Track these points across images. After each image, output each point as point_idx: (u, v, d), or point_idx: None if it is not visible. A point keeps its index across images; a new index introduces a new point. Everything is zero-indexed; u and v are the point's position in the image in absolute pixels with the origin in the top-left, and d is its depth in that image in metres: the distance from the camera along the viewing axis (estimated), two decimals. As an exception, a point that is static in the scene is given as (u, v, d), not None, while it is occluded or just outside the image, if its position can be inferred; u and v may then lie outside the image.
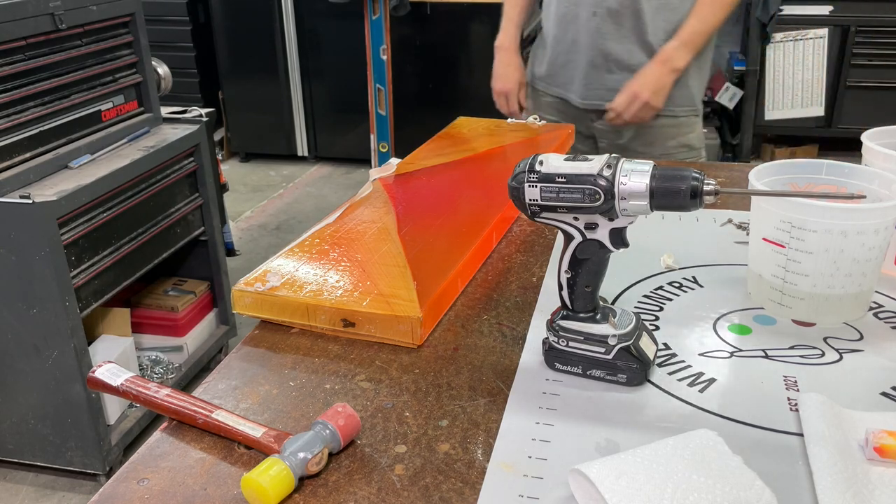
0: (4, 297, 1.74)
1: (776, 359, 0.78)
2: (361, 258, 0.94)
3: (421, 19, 3.62)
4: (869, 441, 0.62)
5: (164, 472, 0.65)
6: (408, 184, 1.22)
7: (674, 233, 1.07)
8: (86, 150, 1.94)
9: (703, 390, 0.73)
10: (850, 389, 0.73)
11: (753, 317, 0.86)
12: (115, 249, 1.93)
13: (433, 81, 3.77)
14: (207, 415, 0.68)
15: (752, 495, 0.55)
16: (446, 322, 0.87)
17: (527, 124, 1.53)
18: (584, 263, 0.72)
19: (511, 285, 0.95)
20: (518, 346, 0.82)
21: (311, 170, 4.26)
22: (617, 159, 0.67)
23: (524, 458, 0.64)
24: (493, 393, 0.74)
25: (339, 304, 0.83)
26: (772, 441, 0.66)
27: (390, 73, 3.30)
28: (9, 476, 2.01)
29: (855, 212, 0.78)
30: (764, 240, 0.85)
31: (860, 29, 3.60)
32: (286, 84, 4.14)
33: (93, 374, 0.76)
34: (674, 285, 0.94)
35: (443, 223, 1.05)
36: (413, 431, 0.69)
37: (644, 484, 0.55)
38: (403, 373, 0.78)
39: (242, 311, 0.88)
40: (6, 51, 1.73)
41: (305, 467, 0.62)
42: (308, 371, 0.79)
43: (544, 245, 1.06)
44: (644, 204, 0.66)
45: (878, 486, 0.59)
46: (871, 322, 0.85)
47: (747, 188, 0.85)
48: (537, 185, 0.69)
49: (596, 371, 0.74)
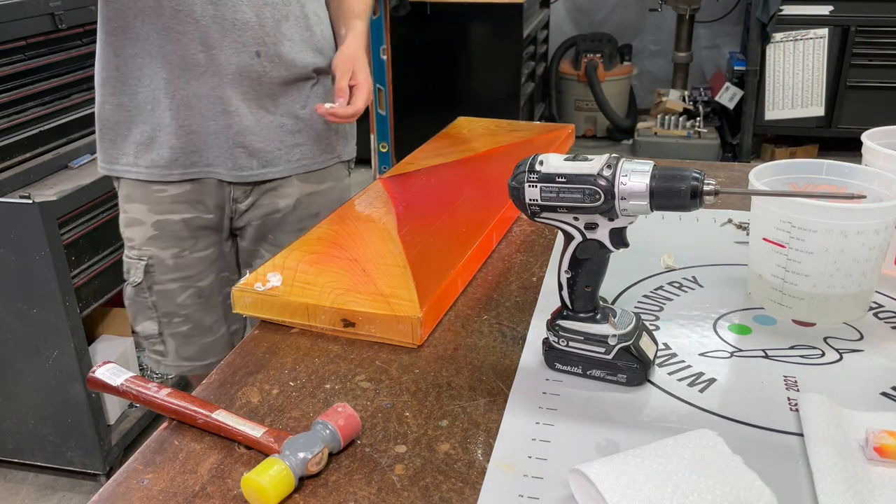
0: (4, 297, 1.74)
1: (776, 359, 0.78)
2: (361, 258, 0.94)
3: (421, 19, 3.61)
4: (869, 441, 0.62)
5: (164, 472, 0.65)
6: (408, 184, 1.22)
7: (674, 233, 1.07)
8: (86, 150, 1.94)
9: (703, 390, 0.73)
10: (850, 389, 0.73)
11: (753, 317, 0.86)
12: (115, 249, 1.92)
13: (433, 81, 3.77)
14: (207, 415, 0.68)
15: (752, 495, 0.55)
16: (446, 322, 0.87)
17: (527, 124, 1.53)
18: (584, 263, 0.72)
19: (511, 285, 0.95)
20: (518, 346, 0.82)
21: (311, 170, 4.26)
22: (617, 159, 0.67)
23: (524, 458, 0.64)
24: (493, 393, 0.74)
25: (339, 304, 0.83)
26: (772, 441, 0.66)
27: (390, 73, 3.30)
28: (9, 476, 2.01)
29: (855, 212, 0.78)
30: (764, 240, 0.85)
31: (860, 29, 3.60)
32: (286, 84, 4.14)
33: (93, 374, 0.76)
34: (674, 285, 0.94)
35: (443, 223, 1.05)
36: (413, 431, 0.69)
37: (644, 484, 0.55)
38: (403, 373, 0.78)
39: (242, 311, 0.88)
40: (6, 51, 1.73)
41: (305, 467, 0.62)
42: (308, 371, 0.79)
43: (544, 245, 1.06)
44: (644, 204, 0.66)
45: (878, 486, 0.59)
46: (871, 322, 0.85)
47: (747, 188, 0.85)
48: (537, 185, 0.69)
49: (596, 371, 0.74)
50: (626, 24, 4.58)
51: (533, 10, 3.94)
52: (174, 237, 1.26)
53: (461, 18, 3.64)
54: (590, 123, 4.45)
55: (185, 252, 1.27)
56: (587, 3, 4.62)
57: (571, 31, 4.63)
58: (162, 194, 1.24)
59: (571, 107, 4.49)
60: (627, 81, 4.45)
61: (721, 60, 4.44)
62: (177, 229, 1.25)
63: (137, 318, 1.32)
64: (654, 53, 4.62)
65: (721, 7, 4.29)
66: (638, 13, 4.53)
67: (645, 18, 4.53)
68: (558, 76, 4.50)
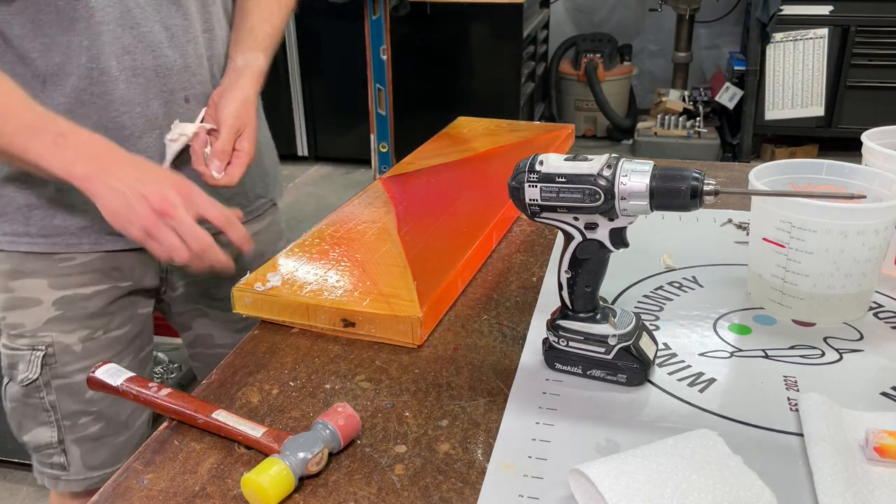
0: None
1: (776, 359, 0.78)
2: (361, 258, 0.94)
3: (421, 19, 3.62)
4: (869, 441, 0.62)
5: (164, 472, 0.65)
6: (408, 184, 1.22)
7: (674, 233, 1.07)
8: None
9: (703, 390, 0.73)
10: (850, 389, 0.73)
11: (753, 317, 0.86)
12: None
13: (433, 81, 3.77)
14: (207, 415, 0.68)
15: (752, 495, 0.55)
16: (446, 322, 0.87)
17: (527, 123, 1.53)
18: (584, 263, 0.72)
19: (511, 285, 0.95)
20: (518, 346, 0.82)
21: (311, 170, 4.26)
22: (617, 159, 0.67)
23: (524, 458, 0.64)
24: (493, 393, 0.74)
25: (339, 304, 0.83)
26: (772, 441, 0.66)
27: (390, 73, 3.30)
28: (9, 476, 2.01)
29: (855, 212, 0.78)
30: (764, 240, 0.85)
31: (860, 29, 3.60)
32: (286, 84, 4.14)
33: (93, 374, 0.76)
34: (674, 285, 0.94)
35: (443, 223, 1.05)
36: (413, 431, 0.69)
37: (644, 484, 0.55)
38: (403, 373, 0.78)
39: (242, 310, 0.88)
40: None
41: (305, 467, 0.62)
42: (308, 371, 0.79)
43: (544, 245, 1.06)
44: (644, 204, 0.66)
45: (878, 486, 0.59)
46: (871, 322, 0.85)
47: (747, 188, 0.85)
48: (537, 185, 0.69)
49: (596, 371, 0.74)
50: (626, 24, 4.58)
51: (533, 10, 3.94)
52: (83, 316, 1.01)
53: (461, 18, 3.64)
54: (590, 123, 4.45)
55: (98, 333, 1.02)
56: (587, 3, 4.62)
57: (571, 31, 4.63)
58: (68, 263, 1.00)
59: (571, 107, 4.49)
60: (627, 81, 4.45)
61: (721, 60, 4.44)
62: (87, 306, 1.01)
63: (24, 424, 1.04)
64: (654, 53, 4.62)
65: (721, 7, 4.29)
66: (638, 13, 4.53)
67: (645, 18, 4.53)
68: (558, 76, 4.51)
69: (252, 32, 1.07)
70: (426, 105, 3.69)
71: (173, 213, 0.85)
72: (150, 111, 0.98)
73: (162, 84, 0.98)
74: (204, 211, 0.88)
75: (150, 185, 0.86)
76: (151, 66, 0.97)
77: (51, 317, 0.99)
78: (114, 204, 0.85)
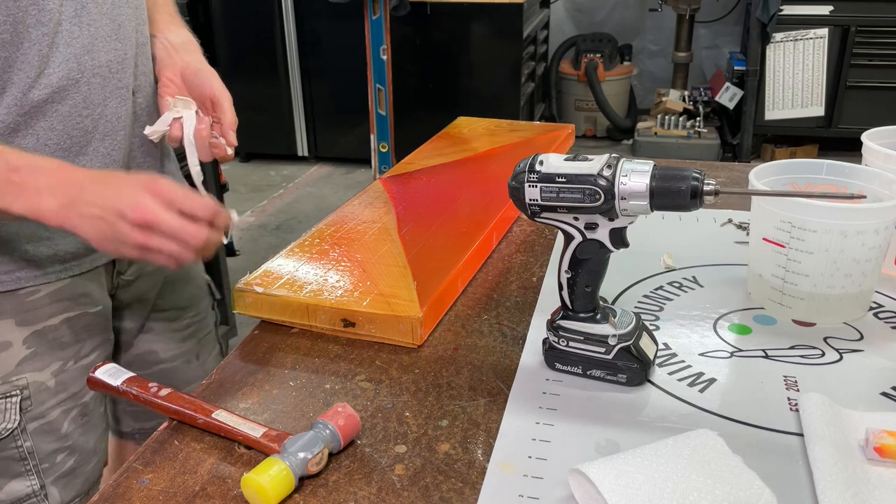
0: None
1: (776, 359, 0.78)
2: (361, 258, 0.94)
3: (421, 19, 3.61)
4: (869, 441, 0.62)
5: (164, 472, 0.65)
6: (408, 184, 1.22)
7: (674, 233, 1.07)
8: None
9: (703, 390, 0.73)
10: (850, 389, 0.73)
11: (753, 317, 0.86)
12: (115, 249, 1.91)
13: (433, 81, 3.77)
14: (207, 415, 0.68)
15: (752, 495, 0.55)
16: (446, 322, 0.87)
17: (527, 124, 1.53)
18: (584, 263, 0.72)
19: (511, 285, 0.95)
20: (518, 346, 0.82)
21: (311, 170, 4.26)
22: (617, 159, 0.67)
23: (524, 458, 0.64)
24: (493, 393, 0.74)
25: (339, 304, 0.83)
26: (772, 441, 0.66)
27: (390, 73, 3.30)
28: None
29: (855, 212, 0.78)
30: (764, 240, 0.85)
31: (860, 29, 3.60)
32: (286, 84, 4.14)
33: (93, 375, 0.76)
34: (674, 285, 0.94)
35: (443, 223, 1.05)
36: (413, 431, 0.69)
37: (644, 484, 0.55)
38: (403, 373, 0.78)
39: (242, 311, 0.88)
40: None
41: (305, 467, 0.62)
42: (308, 371, 0.79)
43: (544, 245, 1.06)
44: (644, 204, 0.66)
45: (878, 486, 0.59)
46: (871, 322, 0.85)
47: (747, 188, 0.85)
48: (537, 185, 0.69)
49: (596, 371, 0.74)
50: (626, 24, 4.58)
51: (533, 10, 3.94)
52: (56, 347, 0.94)
53: (461, 18, 3.64)
54: (590, 123, 4.45)
55: (70, 363, 0.95)
56: (587, 3, 4.62)
57: (571, 31, 4.63)
58: (35, 297, 0.92)
59: (571, 107, 4.49)
60: (627, 81, 4.45)
61: (721, 60, 4.44)
62: (58, 336, 0.94)
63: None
64: (654, 53, 4.62)
65: (721, 7, 4.29)
66: (638, 13, 4.53)
67: (645, 18, 4.53)
68: (558, 76, 4.51)
69: (165, 8, 1.05)
70: (426, 105, 3.69)
71: (156, 220, 0.79)
72: (109, 110, 0.92)
73: (117, 80, 0.93)
74: (182, 205, 0.82)
75: (123, 199, 0.79)
76: (105, 61, 0.91)
77: (23, 357, 0.91)
78: (96, 232, 0.79)
